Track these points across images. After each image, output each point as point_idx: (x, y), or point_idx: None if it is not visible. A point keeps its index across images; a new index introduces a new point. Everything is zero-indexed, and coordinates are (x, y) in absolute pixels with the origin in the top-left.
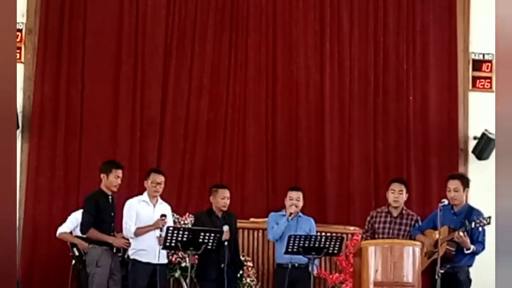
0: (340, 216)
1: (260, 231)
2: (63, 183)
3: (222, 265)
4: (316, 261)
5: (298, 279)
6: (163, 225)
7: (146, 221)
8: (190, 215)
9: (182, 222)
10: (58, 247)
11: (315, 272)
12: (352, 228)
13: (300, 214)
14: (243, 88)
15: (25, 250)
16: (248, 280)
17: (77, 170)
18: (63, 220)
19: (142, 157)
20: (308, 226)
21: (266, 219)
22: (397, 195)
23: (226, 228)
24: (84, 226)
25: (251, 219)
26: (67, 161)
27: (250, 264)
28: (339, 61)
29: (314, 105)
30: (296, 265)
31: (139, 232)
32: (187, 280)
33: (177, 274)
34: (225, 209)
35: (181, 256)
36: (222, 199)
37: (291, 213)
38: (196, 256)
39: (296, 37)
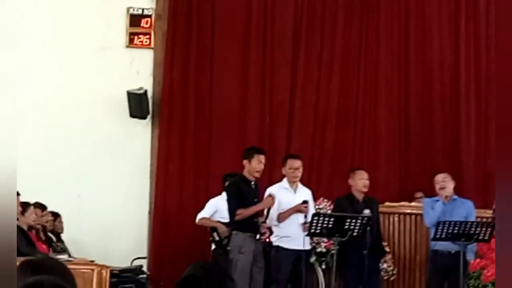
0: (478, 199)
1: (396, 215)
2: (192, 169)
3: (364, 252)
4: (474, 247)
5: (453, 266)
6: (306, 212)
7: (287, 207)
8: (324, 200)
9: (317, 207)
10: (188, 233)
11: (472, 259)
12: (491, 212)
13: (455, 197)
14: (375, 71)
15: (156, 236)
16: (385, 265)
17: (207, 155)
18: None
19: (272, 142)
20: (465, 210)
21: (402, 203)
22: None
23: (367, 212)
24: (233, 212)
25: (386, 203)
26: (196, 147)
27: (387, 249)
28: (475, 41)
29: (448, 87)
30: (453, 251)
31: (282, 217)
32: (323, 266)
33: (312, 260)
34: (365, 190)
35: (316, 241)
36: (360, 180)
37: (446, 196)
38: (332, 242)
39: (429, 17)
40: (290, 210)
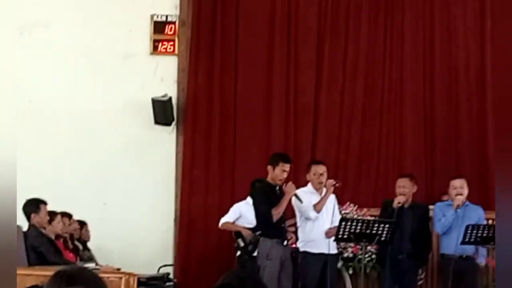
0: None
1: None
2: (218, 174)
3: (400, 256)
4: (484, 251)
5: (465, 270)
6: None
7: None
8: (351, 204)
9: (343, 212)
10: (214, 239)
11: (483, 263)
12: None
13: (467, 202)
14: (400, 71)
15: (182, 241)
16: None
17: (232, 160)
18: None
19: (297, 144)
20: (477, 215)
21: (429, 207)
22: None
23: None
24: (267, 216)
25: None
26: (221, 152)
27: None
28: None
29: (475, 87)
30: (464, 256)
31: (319, 206)
32: (350, 271)
33: (339, 265)
34: (403, 198)
35: (342, 246)
36: (398, 188)
37: (458, 205)
38: (359, 247)
39: (454, 15)
40: (324, 197)
